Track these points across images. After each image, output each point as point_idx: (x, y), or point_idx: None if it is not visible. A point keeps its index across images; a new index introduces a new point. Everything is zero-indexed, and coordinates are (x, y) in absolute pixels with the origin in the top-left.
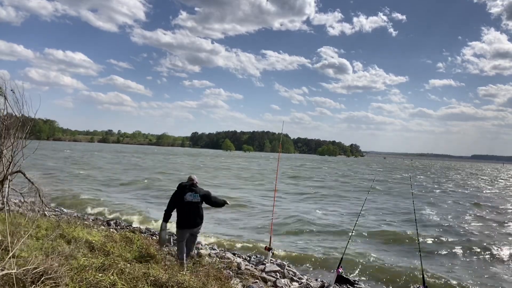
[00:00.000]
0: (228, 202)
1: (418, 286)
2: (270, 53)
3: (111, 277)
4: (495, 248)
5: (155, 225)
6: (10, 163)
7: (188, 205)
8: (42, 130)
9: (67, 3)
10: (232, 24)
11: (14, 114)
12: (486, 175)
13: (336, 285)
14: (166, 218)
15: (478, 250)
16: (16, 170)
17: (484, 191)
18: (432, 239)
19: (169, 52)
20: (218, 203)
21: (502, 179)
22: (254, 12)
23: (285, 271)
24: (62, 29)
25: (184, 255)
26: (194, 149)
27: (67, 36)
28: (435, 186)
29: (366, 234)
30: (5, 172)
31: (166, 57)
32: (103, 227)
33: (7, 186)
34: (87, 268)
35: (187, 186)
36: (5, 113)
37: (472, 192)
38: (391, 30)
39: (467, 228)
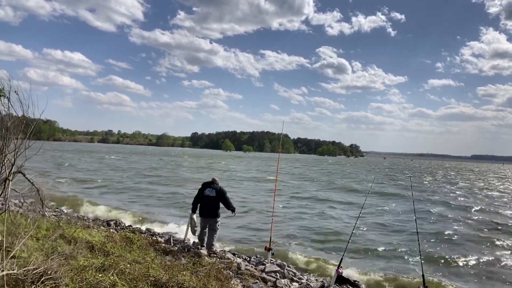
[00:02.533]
0: (235, 212)
1: (418, 286)
2: (268, 53)
3: (111, 278)
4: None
5: None
6: (13, 164)
7: (206, 198)
8: (42, 130)
9: (65, 3)
10: (230, 24)
11: (15, 115)
12: None
13: (336, 285)
14: (193, 210)
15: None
16: (16, 170)
17: None
18: (432, 239)
19: (168, 52)
20: (228, 204)
21: None
22: (253, 11)
23: (285, 271)
24: (60, 29)
25: (204, 241)
26: (194, 149)
27: (65, 36)
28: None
29: (366, 235)
30: (7, 173)
31: (164, 57)
32: (103, 227)
33: (7, 186)
34: (87, 269)
35: (208, 184)
36: (6, 114)
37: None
38: (390, 30)
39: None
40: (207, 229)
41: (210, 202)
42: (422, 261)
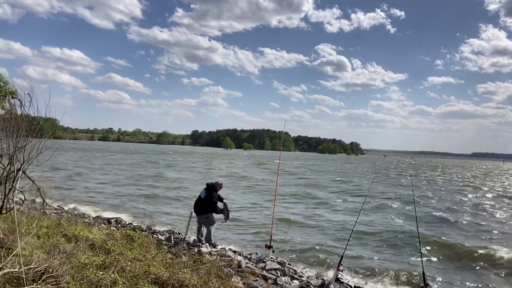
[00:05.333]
0: (225, 217)
1: (419, 284)
2: (268, 50)
3: (112, 275)
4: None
5: None
6: (22, 164)
7: (199, 198)
8: (43, 128)
9: (63, 0)
10: (228, 21)
11: (27, 115)
12: None
13: (337, 283)
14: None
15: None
16: (17, 168)
17: None
18: (433, 237)
19: (166, 49)
20: (213, 209)
21: None
22: (252, 9)
23: (286, 269)
24: (59, 27)
25: (201, 236)
26: (195, 147)
27: (64, 34)
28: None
29: (366, 233)
30: (15, 172)
31: (163, 55)
32: (103, 225)
33: (13, 186)
34: (88, 266)
35: (207, 186)
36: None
37: None
38: (389, 27)
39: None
40: (203, 225)
41: (200, 201)
42: (423, 260)
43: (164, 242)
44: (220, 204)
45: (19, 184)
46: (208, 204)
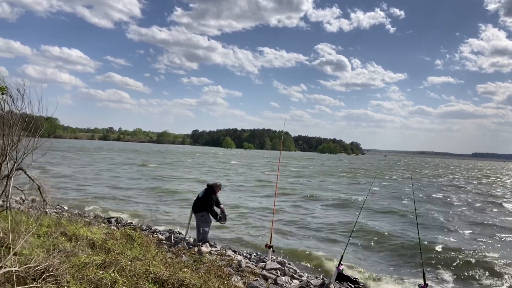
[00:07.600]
0: (220, 221)
1: (419, 283)
2: (267, 50)
3: (112, 275)
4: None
5: None
6: (15, 162)
7: (197, 197)
8: (43, 127)
9: None
10: (228, 20)
11: (17, 112)
12: None
13: (337, 282)
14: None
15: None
16: (17, 167)
17: None
18: (433, 239)
19: (166, 49)
20: (209, 210)
21: None
22: (251, 8)
23: (286, 268)
24: (58, 26)
25: (198, 235)
26: (194, 146)
27: (63, 33)
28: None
29: (366, 231)
30: (9, 170)
31: (163, 54)
32: (104, 224)
33: (9, 184)
34: (88, 266)
35: (207, 186)
36: (9, 111)
37: None
38: (389, 26)
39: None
40: (200, 224)
41: (198, 201)
42: (422, 259)
43: (164, 242)
44: (217, 209)
45: (19, 183)
46: (205, 203)
